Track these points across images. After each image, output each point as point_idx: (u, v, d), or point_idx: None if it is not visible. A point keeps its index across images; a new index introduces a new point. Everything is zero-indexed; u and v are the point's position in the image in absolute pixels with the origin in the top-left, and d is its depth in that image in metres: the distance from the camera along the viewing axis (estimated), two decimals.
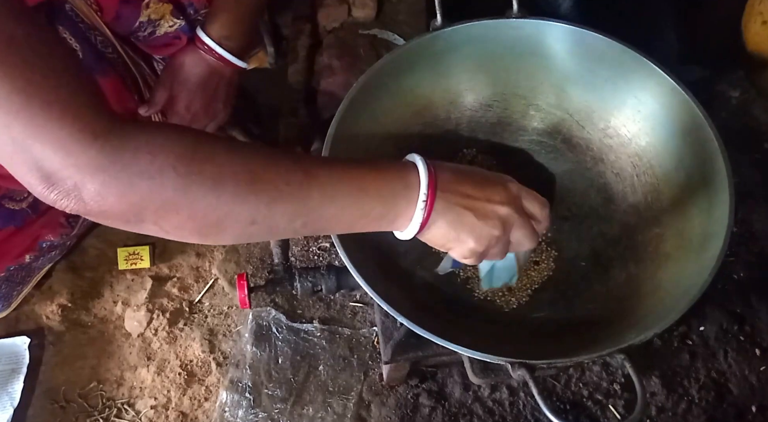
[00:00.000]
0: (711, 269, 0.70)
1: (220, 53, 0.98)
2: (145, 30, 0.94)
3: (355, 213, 0.62)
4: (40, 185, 0.51)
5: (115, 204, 0.52)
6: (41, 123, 0.49)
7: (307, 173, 0.59)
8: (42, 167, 0.50)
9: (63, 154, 0.50)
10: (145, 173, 0.52)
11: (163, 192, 0.53)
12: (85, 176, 0.51)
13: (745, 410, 1.06)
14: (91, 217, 0.54)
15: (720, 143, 0.77)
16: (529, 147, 0.95)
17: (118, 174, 0.51)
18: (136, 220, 0.54)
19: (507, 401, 1.06)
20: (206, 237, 0.58)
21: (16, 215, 1.00)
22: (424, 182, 0.62)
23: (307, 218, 0.60)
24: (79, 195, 0.51)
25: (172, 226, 0.55)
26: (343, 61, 1.29)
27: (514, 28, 0.86)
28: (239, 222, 0.57)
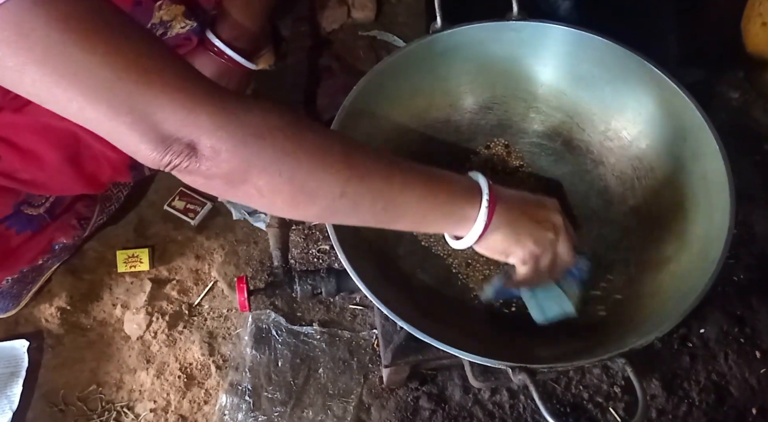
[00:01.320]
0: (712, 272, 0.71)
1: (230, 55, 0.99)
2: (157, 31, 0.95)
3: (427, 205, 0.66)
4: (154, 151, 0.54)
5: (225, 160, 0.55)
6: (160, 88, 0.52)
7: (391, 161, 0.65)
8: (160, 130, 0.53)
9: (183, 113, 0.53)
10: (258, 132, 0.56)
11: (272, 152, 0.57)
12: (203, 132, 0.54)
13: (746, 412, 1.05)
14: (195, 176, 0.57)
15: (720, 145, 0.77)
16: (530, 150, 0.95)
17: (235, 131, 0.55)
18: (239, 180, 0.57)
19: (507, 404, 1.06)
20: (297, 205, 0.61)
21: (34, 220, 1.01)
22: (485, 189, 0.68)
23: (388, 202, 0.64)
24: (194, 153, 0.54)
25: (270, 188, 0.58)
26: (343, 62, 1.29)
27: (515, 31, 0.86)
28: (330, 193, 0.60)
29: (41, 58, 0.49)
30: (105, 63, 0.50)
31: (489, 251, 0.72)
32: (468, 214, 0.67)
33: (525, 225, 0.70)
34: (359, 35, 1.36)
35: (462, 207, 0.67)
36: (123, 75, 0.51)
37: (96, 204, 1.14)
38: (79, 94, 0.51)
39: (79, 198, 1.10)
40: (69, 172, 0.96)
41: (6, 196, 0.95)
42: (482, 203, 0.67)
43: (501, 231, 0.69)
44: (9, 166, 0.91)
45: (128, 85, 0.51)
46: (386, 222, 0.66)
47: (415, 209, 0.66)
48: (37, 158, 0.92)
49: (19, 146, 0.90)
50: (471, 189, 0.68)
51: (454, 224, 0.69)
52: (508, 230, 0.69)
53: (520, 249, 0.71)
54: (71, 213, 1.09)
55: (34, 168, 0.93)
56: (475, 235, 0.68)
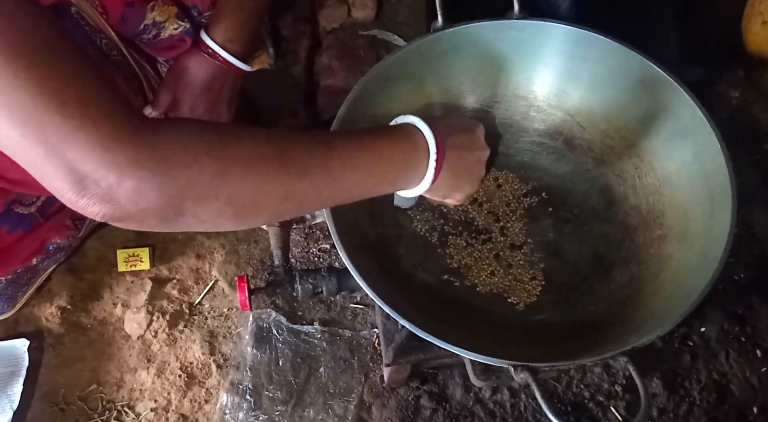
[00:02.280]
0: (714, 271, 0.70)
1: (224, 57, 0.98)
2: (150, 32, 0.94)
3: (373, 179, 0.67)
4: (70, 191, 0.50)
5: (153, 200, 0.52)
6: (77, 124, 0.48)
7: (327, 145, 0.63)
8: (75, 170, 0.49)
9: (99, 153, 0.49)
10: (182, 163, 0.52)
11: (201, 179, 0.54)
12: (123, 173, 0.50)
13: (747, 411, 1.06)
14: (122, 221, 0.53)
15: (722, 143, 0.77)
16: (531, 149, 0.95)
17: (156, 168, 0.51)
18: (175, 214, 0.54)
19: (508, 403, 1.06)
20: (243, 220, 0.59)
21: (25, 219, 1.01)
22: (432, 144, 0.69)
23: (332, 189, 0.63)
24: (114, 197, 0.50)
25: (210, 214, 0.56)
26: (343, 62, 1.29)
27: (516, 29, 0.86)
28: (274, 200, 0.59)
29: None
30: (25, 88, 0.47)
31: (429, 195, 0.77)
32: (414, 176, 0.70)
33: (463, 172, 0.76)
34: (359, 34, 1.36)
35: (407, 172, 0.70)
36: (41, 104, 0.47)
37: None
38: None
39: None
40: None
41: None
42: (429, 163, 0.70)
43: (444, 182, 0.74)
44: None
45: (45, 116, 0.48)
46: (336, 203, 0.68)
47: (362, 186, 0.66)
48: None
49: None
50: (415, 147, 0.69)
51: (402, 186, 0.71)
52: (451, 180, 0.74)
53: (458, 193, 0.79)
54: (65, 213, 1.08)
55: (23, 168, 0.92)
56: (421, 190, 0.72)
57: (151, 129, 0.52)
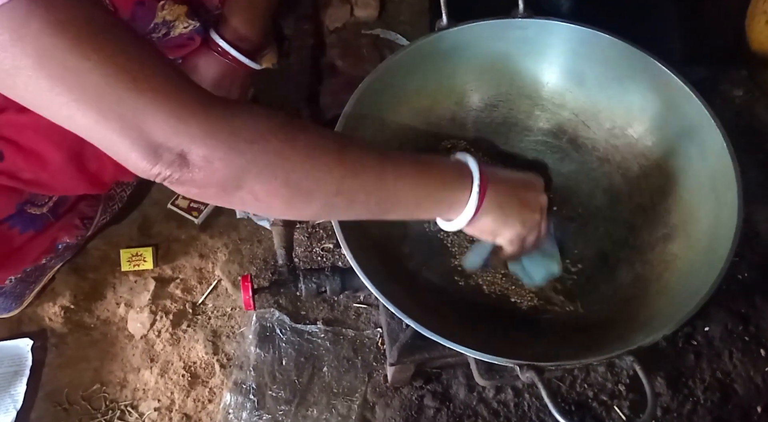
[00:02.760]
0: (720, 270, 0.70)
1: (234, 55, 0.98)
2: (160, 31, 0.94)
3: (420, 194, 0.67)
4: (145, 160, 0.53)
5: (219, 169, 0.55)
6: (150, 97, 0.52)
7: (382, 153, 0.66)
8: (150, 139, 0.52)
9: (174, 122, 0.52)
10: (250, 138, 0.56)
11: (265, 156, 0.57)
12: (195, 141, 0.53)
13: (751, 410, 1.05)
14: (185, 186, 0.56)
15: (728, 142, 0.77)
16: (535, 147, 0.94)
17: (226, 138, 0.55)
18: (234, 186, 0.57)
19: (512, 402, 1.06)
20: (293, 206, 0.61)
21: (37, 219, 1.01)
22: (476, 171, 0.69)
23: (381, 194, 0.65)
24: (185, 163, 0.54)
25: (266, 192, 0.58)
26: (346, 61, 1.29)
27: (520, 28, 0.86)
28: (326, 192, 0.61)
29: (34, 63, 0.49)
30: (96, 69, 0.50)
31: (478, 232, 0.73)
32: (459, 198, 0.69)
33: (513, 208, 0.72)
34: (362, 34, 1.36)
35: (453, 192, 0.68)
36: (113, 82, 0.51)
37: (99, 204, 1.14)
38: (70, 99, 0.51)
39: (83, 198, 1.10)
40: (72, 172, 0.96)
41: (9, 195, 0.95)
42: (473, 188, 0.68)
43: (491, 214, 0.71)
44: (12, 165, 0.91)
45: (118, 92, 0.51)
46: (381, 214, 0.68)
47: (408, 200, 0.67)
48: (41, 158, 0.92)
49: (22, 145, 0.90)
50: (461, 173, 0.69)
51: (446, 210, 0.70)
52: (498, 213, 0.71)
53: (508, 231, 0.73)
54: (74, 213, 1.09)
55: (37, 168, 0.92)
56: (466, 218, 0.69)
57: (222, 103, 0.56)
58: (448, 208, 0.69)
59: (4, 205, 0.95)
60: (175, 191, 0.58)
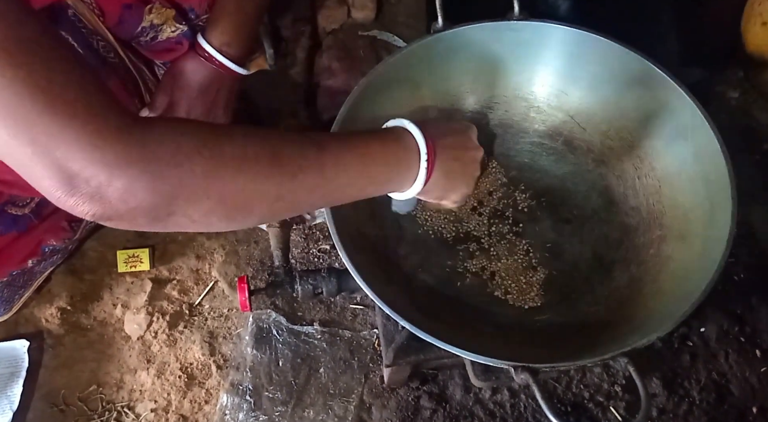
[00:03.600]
0: (714, 272, 0.71)
1: (221, 61, 0.98)
2: (148, 35, 0.94)
3: (365, 180, 0.67)
4: (59, 190, 0.50)
5: (145, 199, 0.51)
6: (65, 122, 0.48)
7: (320, 146, 0.63)
8: (64, 169, 0.49)
9: (89, 151, 0.48)
10: (173, 161, 0.52)
11: (193, 178, 0.53)
12: (113, 172, 0.49)
13: (746, 411, 1.06)
14: (112, 220, 0.53)
15: (722, 144, 0.77)
16: (531, 149, 0.95)
17: (147, 166, 0.51)
18: (165, 213, 0.54)
19: (508, 403, 1.06)
20: (234, 220, 0.59)
21: (19, 220, 1.00)
22: (422, 145, 0.69)
23: (324, 189, 0.64)
24: (104, 196, 0.50)
25: (201, 214, 0.55)
26: (343, 62, 1.29)
27: (516, 31, 0.86)
28: (266, 200, 0.59)
29: None
30: (10, 87, 0.46)
31: (425, 197, 0.76)
32: (406, 176, 0.70)
33: (457, 173, 0.76)
34: (359, 35, 1.36)
35: (399, 172, 0.70)
36: (28, 103, 0.47)
37: None
38: None
39: None
40: None
41: None
42: (420, 163, 0.69)
43: (439, 183, 0.73)
44: None
45: (32, 114, 0.47)
46: (329, 204, 0.69)
47: (354, 187, 0.67)
48: None
49: None
50: (405, 147, 0.69)
51: (394, 188, 0.71)
52: (444, 181, 0.74)
53: (454, 194, 0.78)
54: (60, 214, 1.07)
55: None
56: (415, 191, 0.72)
57: (141, 127, 0.52)
58: (397, 187, 0.71)
59: None
60: (106, 225, 0.54)
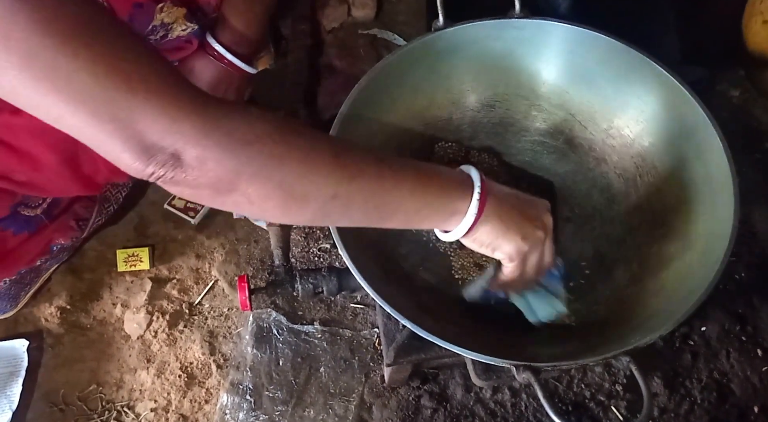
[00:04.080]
0: (716, 271, 0.70)
1: (230, 59, 0.98)
2: (158, 33, 0.94)
3: (419, 201, 0.65)
4: (137, 160, 0.52)
5: (212, 169, 0.54)
6: (144, 96, 0.50)
7: (380, 158, 0.64)
8: (143, 139, 0.51)
9: (167, 122, 0.51)
10: (245, 139, 0.55)
11: (260, 158, 0.56)
12: (188, 141, 0.52)
13: (748, 411, 1.05)
14: (179, 186, 0.55)
15: (724, 142, 0.77)
16: (532, 148, 0.94)
17: (220, 139, 0.53)
18: (227, 189, 0.56)
19: (509, 402, 1.06)
20: (288, 210, 0.60)
21: (31, 221, 1.01)
22: (477, 181, 0.67)
23: (379, 200, 0.63)
24: (179, 163, 0.53)
25: (260, 195, 0.57)
26: (344, 61, 1.29)
27: (517, 28, 0.86)
28: (322, 195, 0.60)
29: (21, 62, 0.47)
30: (86, 68, 0.49)
31: (477, 243, 0.70)
32: (458, 207, 0.67)
33: (515, 220, 0.70)
34: (359, 34, 1.36)
35: (453, 201, 0.67)
36: (104, 81, 0.49)
37: (94, 205, 1.13)
38: (60, 99, 0.49)
39: (77, 199, 1.09)
40: (66, 174, 0.95)
41: (2, 197, 0.94)
42: (473, 196, 0.67)
43: (490, 224, 0.68)
44: (5, 167, 0.90)
45: (109, 91, 0.49)
46: (378, 221, 0.66)
47: (406, 206, 0.65)
48: (34, 160, 0.91)
49: (15, 147, 0.90)
50: (462, 182, 0.68)
51: (445, 219, 0.68)
52: (498, 223, 0.68)
53: (507, 244, 0.70)
54: (69, 214, 1.09)
55: (31, 170, 0.92)
56: (465, 228, 0.67)
57: (216, 105, 0.55)
58: (448, 217, 0.67)
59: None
60: (169, 191, 0.57)
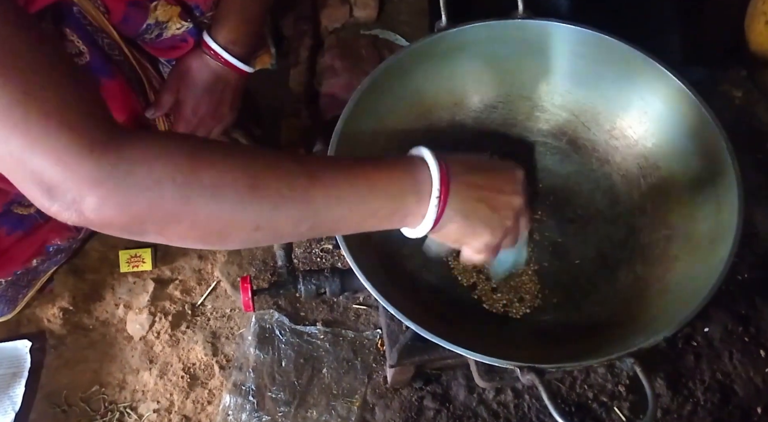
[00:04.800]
0: (720, 272, 0.70)
1: (227, 58, 0.98)
2: (152, 32, 0.94)
3: (363, 213, 0.61)
4: (42, 197, 0.51)
5: (115, 217, 0.52)
6: (39, 136, 0.49)
7: (311, 175, 0.58)
8: (42, 180, 0.50)
9: (61, 167, 0.49)
10: (143, 185, 0.51)
11: (163, 203, 0.52)
12: (83, 189, 0.50)
13: (751, 411, 1.05)
14: (93, 228, 0.54)
15: (728, 143, 0.76)
16: (535, 148, 0.94)
17: (117, 187, 0.51)
18: (138, 231, 0.54)
19: (512, 404, 1.06)
20: (211, 245, 0.59)
21: (25, 220, 1.00)
22: (436, 178, 0.61)
23: (313, 221, 0.59)
24: (80, 208, 0.51)
25: (175, 236, 0.55)
26: (345, 61, 1.28)
27: (520, 29, 0.86)
28: (243, 229, 0.56)
29: None
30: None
31: (441, 238, 0.67)
32: (413, 211, 0.62)
33: (480, 215, 0.64)
34: (361, 34, 1.35)
35: (405, 205, 0.61)
36: (4, 114, 0.47)
37: None
38: None
39: None
40: None
41: None
42: (431, 198, 0.61)
43: (454, 223, 0.63)
44: None
45: (6, 130, 0.48)
46: (321, 235, 0.64)
47: (347, 220, 0.61)
48: None
49: None
50: (416, 179, 0.61)
51: (397, 223, 0.63)
52: (462, 222, 0.63)
53: (474, 240, 0.66)
54: None
55: None
56: (424, 230, 0.63)
57: (116, 146, 0.51)
58: (400, 222, 0.63)
59: None
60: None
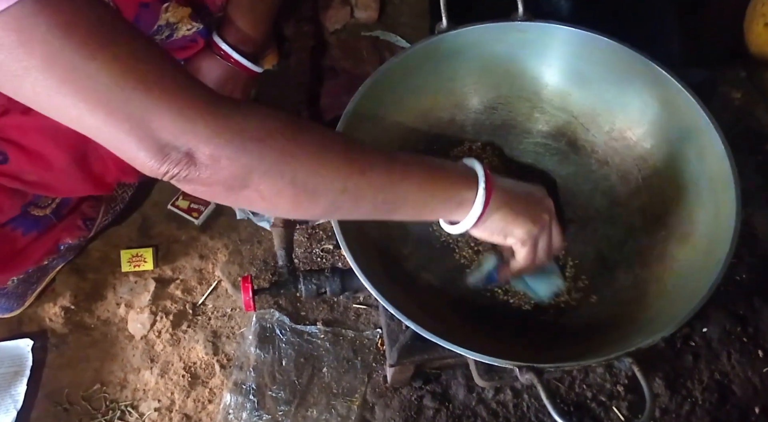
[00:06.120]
0: (718, 272, 0.71)
1: (236, 58, 0.99)
2: (163, 33, 0.95)
3: (427, 193, 0.67)
4: (152, 159, 0.53)
5: (225, 167, 0.55)
6: (158, 96, 0.52)
7: (388, 152, 0.66)
8: (158, 139, 0.53)
9: (181, 121, 0.53)
10: (256, 136, 0.56)
11: (272, 154, 0.57)
12: (201, 140, 0.54)
13: (749, 411, 1.06)
14: (197, 187, 0.57)
15: (726, 145, 0.77)
16: (534, 150, 0.95)
17: (233, 137, 0.55)
18: (240, 185, 0.57)
19: (511, 403, 1.06)
20: (300, 205, 0.61)
21: (40, 221, 1.01)
22: (480, 171, 0.69)
23: (389, 193, 0.64)
24: (192, 162, 0.54)
25: (272, 191, 0.59)
26: (346, 62, 1.29)
27: (520, 31, 0.86)
28: (332, 190, 0.61)
29: (41, 65, 0.49)
30: (104, 69, 0.50)
31: (488, 232, 0.72)
32: (466, 197, 0.68)
33: (522, 205, 0.72)
34: (362, 35, 1.36)
35: (460, 191, 0.68)
36: (121, 82, 0.51)
37: (101, 205, 1.14)
38: (79, 100, 0.51)
39: (85, 199, 1.10)
40: (76, 173, 0.96)
41: (14, 197, 0.95)
42: (479, 186, 0.68)
43: (499, 212, 0.70)
44: (16, 167, 0.91)
45: (126, 91, 0.51)
46: (387, 213, 0.67)
47: (415, 198, 0.66)
48: (45, 160, 0.92)
49: (26, 147, 0.90)
50: (467, 174, 0.69)
51: (453, 209, 0.69)
52: (506, 210, 0.70)
53: (519, 228, 0.71)
54: (77, 214, 1.10)
55: (42, 170, 0.93)
56: (474, 217, 0.69)
57: (228, 103, 0.56)
58: (455, 208, 0.69)
59: (9, 207, 0.96)
60: (182, 189, 0.59)
